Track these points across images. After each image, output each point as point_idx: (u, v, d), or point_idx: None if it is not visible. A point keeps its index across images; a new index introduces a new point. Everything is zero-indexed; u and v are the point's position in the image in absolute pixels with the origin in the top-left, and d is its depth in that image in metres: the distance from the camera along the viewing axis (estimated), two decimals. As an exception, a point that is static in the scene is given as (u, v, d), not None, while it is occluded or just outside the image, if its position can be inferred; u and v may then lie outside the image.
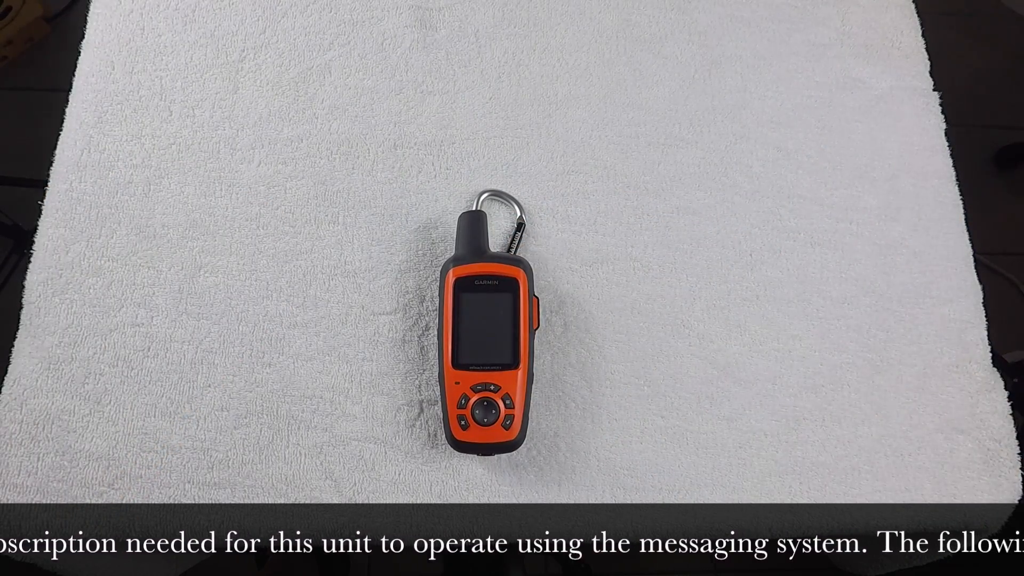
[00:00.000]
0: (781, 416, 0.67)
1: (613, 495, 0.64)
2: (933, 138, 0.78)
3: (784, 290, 0.71)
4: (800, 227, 0.73)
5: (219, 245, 0.68)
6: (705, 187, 0.74)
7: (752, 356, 0.69)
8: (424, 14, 0.78)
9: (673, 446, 0.66)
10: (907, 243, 0.74)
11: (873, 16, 0.83)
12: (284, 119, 0.73)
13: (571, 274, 0.70)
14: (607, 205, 0.72)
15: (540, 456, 0.64)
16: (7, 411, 0.62)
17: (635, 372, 0.67)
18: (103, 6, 0.76)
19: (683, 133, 0.76)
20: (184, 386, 0.64)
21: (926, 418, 0.68)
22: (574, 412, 0.66)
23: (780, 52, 0.80)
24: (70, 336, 0.64)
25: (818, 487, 0.65)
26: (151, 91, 0.73)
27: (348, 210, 0.70)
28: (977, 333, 0.71)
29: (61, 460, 0.61)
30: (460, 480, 0.63)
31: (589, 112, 0.76)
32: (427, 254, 0.69)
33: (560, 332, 0.68)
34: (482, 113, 0.75)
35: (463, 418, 0.60)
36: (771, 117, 0.77)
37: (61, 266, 0.66)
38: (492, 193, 0.71)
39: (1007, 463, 0.68)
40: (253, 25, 0.76)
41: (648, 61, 0.78)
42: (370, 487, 0.62)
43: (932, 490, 0.66)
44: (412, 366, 0.66)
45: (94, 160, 0.70)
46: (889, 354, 0.70)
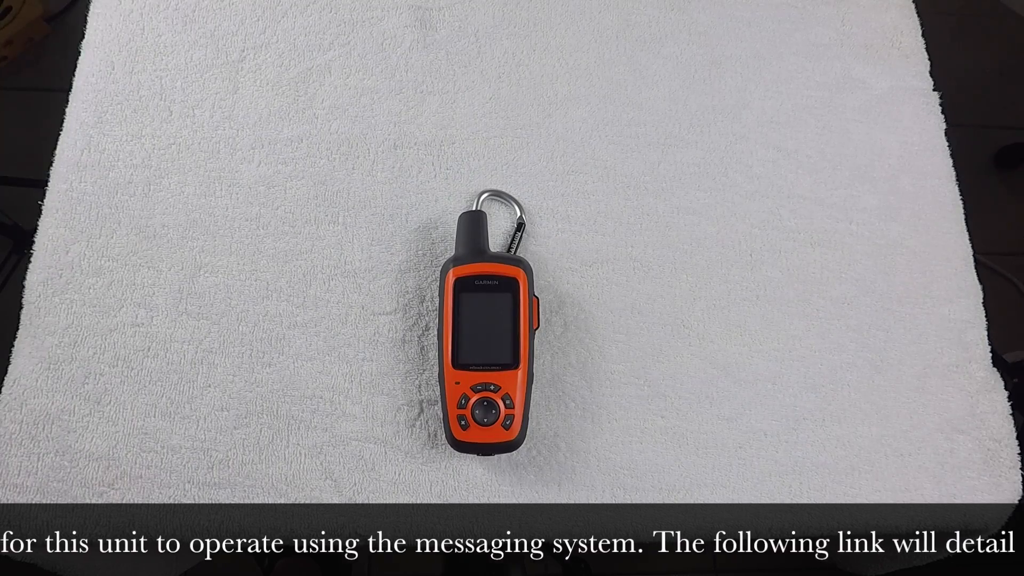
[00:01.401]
0: (781, 416, 0.67)
1: (613, 495, 0.64)
2: (933, 138, 0.78)
3: (784, 290, 0.71)
4: (800, 227, 0.73)
5: (219, 245, 0.68)
6: (705, 187, 0.74)
7: (752, 356, 0.69)
8: (424, 14, 0.78)
9: (673, 446, 0.66)
10: (907, 243, 0.74)
11: (873, 16, 0.83)
12: (284, 119, 0.73)
13: (571, 274, 0.70)
14: (607, 205, 0.72)
15: (540, 456, 0.64)
16: (7, 411, 0.62)
17: (635, 372, 0.67)
18: (103, 6, 0.76)
19: (683, 133, 0.76)
20: (184, 386, 0.64)
21: (926, 418, 0.68)
22: (574, 412, 0.66)
23: (780, 52, 0.80)
24: (70, 336, 0.64)
25: (818, 487, 0.65)
26: (151, 91, 0.73)
27: (348, 210, 0.70)
28: (977, 333, 0.71)
29: (61, 460, 0.61)
30: (460, 480, 0.63)
31: (589, 112, 0.76)
32: (427, 254, 0.69)
33: (560, 332, 0.68)
34: (482, 113, 0.75)
35: (463, 418, 0.60)
36: (771, 117, 0.77)
37: (61, 266, 0.66)
38: (492, 193, 0.71)
39: (1007, 463, 0.68)
40: (253, 25, 0.76)
41: (648, 61, 0.78)
42: (370, 487, 0.62)
43: (932, 490, 0.66)
44: (412, 366, 0.66)
45: (94, 160, 0.70)
46: (889, 354, 0.70)
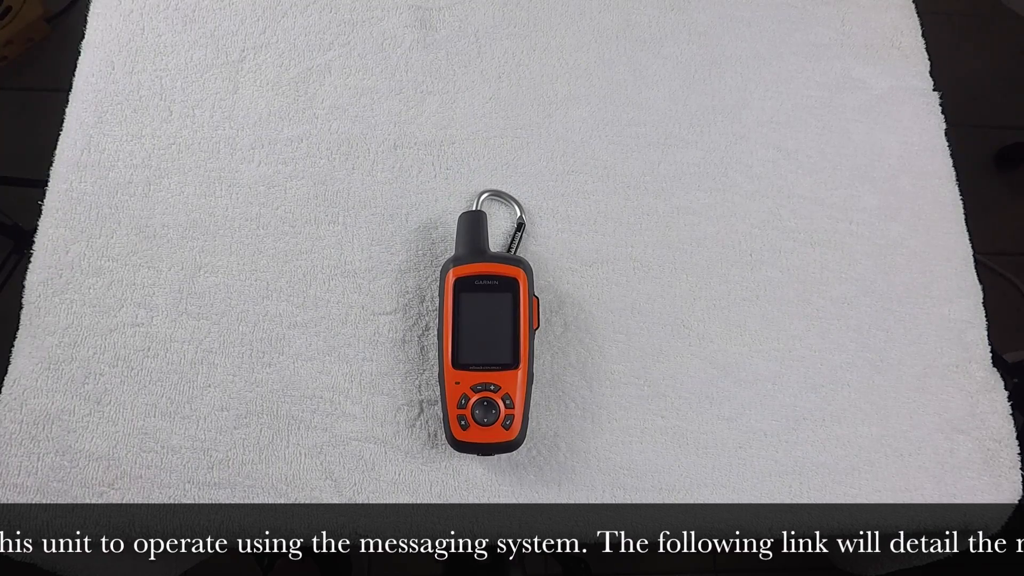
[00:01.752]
0: (781, 416, 0.67)
1: (613, 495, 0.64)
2: (933, 138, 0.78)
3: (784, 290, 0.71)
4: (800, 227, 0.73)
5: (219, 245, 0.68)
6: (705, 187, 0.74)
7: (752, 356, 0.69)
8: (424, 14, 0.78)
9: (673, 446, 0.66)
10: (907, 243, 0.74)
11: (873, 16, 0.83)
12: (284, 119, 0.73)
13: (571, 274, 0.70)
14: (607, 205, 0.72)
15: (540, 456, 0.64)
16: (7, 411, 0.62)
17: (635, 372, 0.67)
18: (103, 6, 0.76)
19: (683, 133, 0.76)
20: (184, 386, 0.64)
21: (926, 418, 0.68)
22: (574, 412, 0.66)
23: (780, 52, 0.80)
24: (70, 336, 0.64)
25: (818, 487, 0.65)
26: (151, 91, 0.73)
27: (348, 210, 0.70)
28: (977, 333, 0.71)
29: (61, 460, 0.61)
30: (460, 480, 0.63)
31: (589, 112, 0.76)
32: (427, 254, 0.69)
33: (560, 332, 0.68)
34: (482, 113, 0.75)
35: (463, 418, 0.60)
36: (771, 117, 0.77)
37: (61, 266, 0.66)
38: (492, 193, 0.71)
39: (1007, 463, 0.68)
40: (253, 25, 0.76)
41: (648, 61, 0.78)
42: (370, 487, 0.62)
43: (932, 490, 0.66)
44: (412, 366, 0.66)
45: (94, 160, 0.70)
46: (889, 354, 0.70)
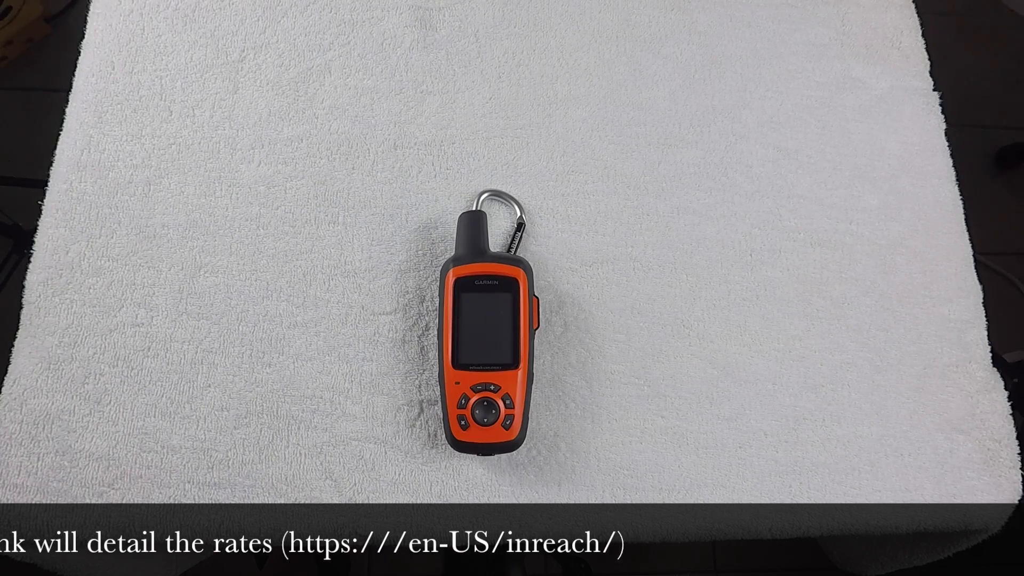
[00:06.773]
0: (781, 416, 0.67)
1: (613, 495, 0.64)
2: (933, 138, 0.78)
3: (784, 290, 0.71)
4: (800, 227, 0.73)
5: (219, 245, 0.68)
6: (705, 187, 0.74)
7: (752, 356, 0.69)
8: (424, 14, 0.78)
9: (673, 446, 0.66)
10: (907, 243, 0.74)
11: (873, 16, 0.83)
12: (284, 119, 0.73)
13: (571, 274, 0.70)
14: (607, 205, 0.72)
15: (540, 456, 0.64)
16: (7, 411, 0.62)
17: (635, 372, 0.67)
18: (103, 6, 0.76)
19: (683, 133, 0.76)
20: (184, 386, 0.64)
21: (926, 418, 0.68)
22: (574, 412, 0.66)
23: (780, 52, 0.80)
24: (70, 336, 0.64)
25: (818, 487, 0.65)
26: (151, 91, 0.73)
27: (348, 210, 0.70)
28: (977, 333, 0.71)
29: (61, 460, 0.61)
30: (460, 480, 0.63)
31: (589, 112, 0.76)
32: (427, 254, 0.69)
33: (560, 332, 0.68)
34: (482, 113, 0.75)
35: (463, 418, 0.60)
36: (771, 117, 0.77)
37: (61, 266, 0.66)
38: (492, 193, 0.71)
39: (1007, 463, 0.68)
40: (253, 25, 0.76)
41: (648, 61, 0.78)
42: (370, 487, 0.62)
43: (932, 490, 0.66)
44: (412, 366, 0.66)
45: (94, 160, 0.70)
46: (889, 354, 0.70)
